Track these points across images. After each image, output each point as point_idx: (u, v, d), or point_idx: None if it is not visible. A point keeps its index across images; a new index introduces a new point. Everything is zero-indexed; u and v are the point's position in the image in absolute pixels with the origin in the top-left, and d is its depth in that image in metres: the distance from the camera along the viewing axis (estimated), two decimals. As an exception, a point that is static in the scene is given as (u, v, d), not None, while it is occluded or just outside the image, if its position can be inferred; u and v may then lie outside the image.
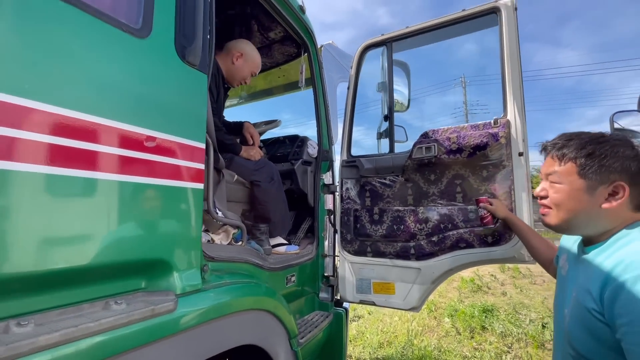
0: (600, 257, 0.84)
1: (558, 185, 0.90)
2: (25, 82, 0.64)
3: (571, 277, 0.94)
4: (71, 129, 0.70)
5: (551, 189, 0.92)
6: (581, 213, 0.87)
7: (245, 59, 1.86)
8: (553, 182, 0.92)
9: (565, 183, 0.89)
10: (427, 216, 1.75)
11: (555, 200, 0.91)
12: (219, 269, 1.16)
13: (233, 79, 1.88)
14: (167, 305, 0.82)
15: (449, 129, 1.73)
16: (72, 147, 0.70)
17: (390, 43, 2.00)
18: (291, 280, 1.68)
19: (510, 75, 1.63)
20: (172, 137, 0.91)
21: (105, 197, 0.76)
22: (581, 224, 0.89)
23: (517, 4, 1.70)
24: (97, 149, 0.75)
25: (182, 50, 0.97)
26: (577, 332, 0.83)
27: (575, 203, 0.87)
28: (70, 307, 0.73)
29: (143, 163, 0.84)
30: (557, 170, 0.90)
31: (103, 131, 0.76)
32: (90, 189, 0.74)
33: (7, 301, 0.64)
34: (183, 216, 0.95)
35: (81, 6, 0.74)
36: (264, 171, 1.66)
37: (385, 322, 4.13)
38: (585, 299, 0.81)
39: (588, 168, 0.85)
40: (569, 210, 0.89)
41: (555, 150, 0.92)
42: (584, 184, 0.86)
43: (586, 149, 0.86)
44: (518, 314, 4.37)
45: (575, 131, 0.95)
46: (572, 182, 0.87)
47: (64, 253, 0.70)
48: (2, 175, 0.60)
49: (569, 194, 0.88)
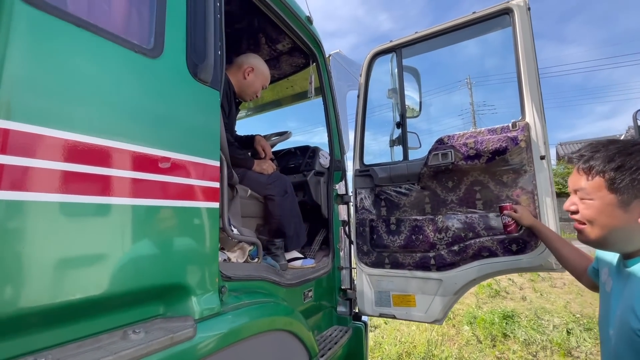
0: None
1: (589, 201, 0.85)
2: (40, 108, 0.63)
3: (615, 294, 0.88)
4: (85, 154, 0.68)
5: (582, 205, 0.87)
6: (617, 229, 0.82)
7: (256, 74, 1.88)
8: (583, 199, 0.87)
9: (595, 198, 0.84)
10: (446, 225, 1.69)
11: (587, 216, 0.86)
12: (237, 288, 1.12)
13: (245, 94, 1.89)
14: (186, 333, 0.79)
15: (465, 134, 1.68)
16: (87, 172, 0.68)
17: (400, 49, 1.97)
18: (308, 296, 1.64)
19: (527, 76, 1.58)
20: (187, 156, 0.89)
21: (121, 223, 0.74)
22: (618, 240, 0.84)
23: (529, 4, 1.66)
24: (111, 173, 0.73)
25: (194, 68, 0.96)
26: (626, 355, 0.77)
27: (609, 219, 0.82)
28: (89, 339, 0.70)
29: (159, 185, 0.81)
30: (585, 187, 0.86)
31: (117, 154, 0.74)
32: (107, 215, 0.71)
33: (23, 337, 0.62)
34: (200, 237, 0.92)
35: (94, 30, 0.73)
36: (278, 185, 1.63)
37: (403, 331, 4.02)
38: (630, 319, 0.75)
39: (619, 182, 0.79)
40: (604, 226, 0.83)
41: (582, 164, 0.86)
42: (616, 199, 0.80)
43: (615, 162, 0.81)
44: (540, 320, 4.22)
45: (602, 139, 0.89)
46: (602, 197, 0.82)
47: (83, 282, 0.68)
48: (14, 206, 0.58)
49: (600, 209, 0.83)
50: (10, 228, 0.57)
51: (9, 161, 0.58)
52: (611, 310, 0.86)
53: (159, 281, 0.82)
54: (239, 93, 1.86)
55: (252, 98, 1.92)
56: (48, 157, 0.63)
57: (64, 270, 0.65)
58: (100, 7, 0.80)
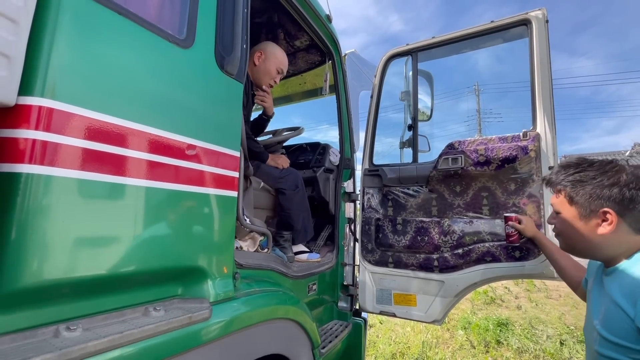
0: (621, 276, 0.85)
1: (559, 215, 0.97)
2: (81, 90, 0.66)
3: (596, 300, 0.95)
4: (119, 137, 0.71)
5: (556, 219, 0.99)
6: (581, 239, 0.92)
7: (267, 56, 1.77)
8: (557, 213, 0.98)
9: (562, 212, 0.95)
10: (452, 228, 1.73)
11: (557, 229, 0.98)
12: (247, 276, 1.16)
13: (261, 81, 1.79)
14: (203, 313, 0.83)
15: (475, 140, 1.71)
16: (122, 154, 0.71)
17: (416, 53, 2.00)
18: (312, 289, 1.67)
19: (541, 87, 1.61)
20: (212, 145, 0.92)
21: (149, 205, 0.77)
22: (586, 249, 0.93)
23: (547, 17, 1.68)
24: (142, 157, 0.76)
25: (221, 60, 0.99)
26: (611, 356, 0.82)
27: (573, 231, 0.93)
28: (113, 313, 0.73)
29: (184, 171, 0.85)
30: (554, 203, 0.98)
31: (146, 139, 0.77)
32: (137, 197, 0.75)
33: (55, 306, 0.65)
34: (219, 224, 0.96)
35: (133, 17, 0.76)
36: (290, 179, 1.66)
37: (398, 332, 4.07)
38: (616, 314, 0.82)
39: (575, 196, 0.91)
40: (570, 237, 0.95)
41: (551, 183, 0.99)
42: (576, 211, 0.91)
43: (572, 178, 0.92)
44: (534, 329, 4.25)
45: (577, 157, 0.98)
46: (567, 211, 0.93)
47: (112, 259, 0.71)
48: (58, 182, 0.61)
49: (566, 222, 0.94)
50: (47, 203, 0.60)
51: (53, 139, 0.61)
52: (593, 315, 0.93)
53: (180, 263, 0.85)
54: (256, 81, 1.78)
55: (270, 85, 1.82)
56: (87, 137, 0.66)
57: (97, 247, 0.69)
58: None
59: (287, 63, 1.87)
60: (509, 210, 1.60)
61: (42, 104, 0.60)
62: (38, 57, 0.61)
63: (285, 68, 1.85)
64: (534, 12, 1.68)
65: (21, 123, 0.59)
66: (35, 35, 0.61)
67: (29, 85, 0.60)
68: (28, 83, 0.60)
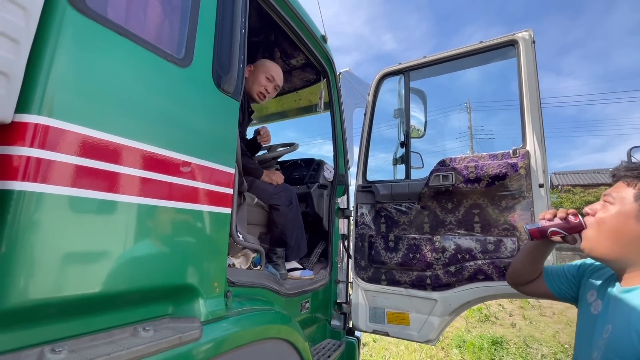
0: None
1: (610, 206, 0.88)
2: (80, 108, 0.66)
3: (602, 316, 0.89)
4: (113, 154, 0.71)
5: (601, 209, 0.90)
6: (620, 237, 0.84)
7: (256, 67, 1.79)
8: (606, 201, 0.89)
9: (617, 204, 0.86)
10: (444, 245, 1.73)
11: (600, 219, 0.88)
12: (239, 294, 1.14)
13: (252, 91, 1.79)
14: (193, 334, 0.81)
15: (466, 157, 1.74)
16: (113, 171, 0.71)
17: (408, 72, 2.05)
18: (305, 307, 1.65)
19: (529, 106, 1.65)
20: (207, 162, 0.93)
21: (139, 223, 0.77)
22: (615, 250, 0.86)
23: (534, 37, 1.74)
24: (134, 173, 0.75)
25: (218, 79, 1.00)
26: None
27: (617, 225, 0.85)
28: (101, 333, 0.72)
29: (180, 188, 0.85)
30: (615, 192, 0.88)
31: (146, 157, 0.77)
32: (128, 214, 0.74)
33: (40, 327, 0.64)
34: (212, 241, 0.95)
35: (132, 37, 0.77)
36: (283, 195, 1.66)
37: (392, 350, 3.99)
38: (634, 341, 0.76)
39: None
40: (609, 231, 0.86)
41: (624, 174, 0.89)
42: (637, 209, 0.82)
43: None
44: (529, 348, 4.21)
45: None
46: (625, 204, 0.85)
47: (100, 278, 0.70)
48: (45, 200, 0.60)
49: (616, 214, 0.85)
50: (38, 220, 0.60)
51: (48, 156, 0.61)
52: (596, 333, 0.88)
53: (172, 281, 0.84)
54: (248, 94, 1.79)
55: (262, 97, 1.81)
56: (83, 155, 0.66)
57: (84, 265, 0.67)
58: (138, 16, 0.85)
59: (278, 72, 1.85)
60: (500, 228, 1.61)
61: (39, 122, 0.60)
62: (37, 75, 0.61)
63: (275, 76, 1.83)
64: (521, 33, 1.75)
65: (17, 140, 0.59)
66: (34, 54, 0.62)
67: (26, 103, 0.60)
68: (25, 101, 0.60)
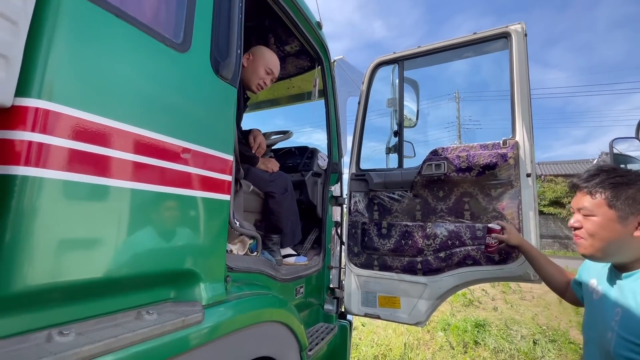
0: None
1: (592, 218, 0.97)
2: (78, 92, 0.65)
3: (609, 301, 0.98)
4: (112, 139, 0.71)
5: (586, 222, 0.99)
6: (614, 241, 0.94)
7: (255, 58, 1.75)
8: (586, 215, 0.99)
9: (597, 215, 0.96)
10: (434, 232, 1.78)
11: (590, 231, 0.98)
12: (237, 279, 1.16)
13: (250, 82, 1.75)
14: (196, 317, 0.83)
15: (458, 147, 1.78)
16: (113, 157, 0.71)
17: (402, 61, 2.06)
18: (300, 292, 1.68)
19: (520, 98, 1.69)
20: (206, 149, 0.93)
21: (144, 208, 0.77)
22: (615, 251, 0.96)
23: (526, 30, 1.77)
24: (134, 159, 0.75)
25: (216, 65, 1.00)
26: (628, 356, 0.86)
27: (608, 233, 0.94)
28: (106, 317, 0.73)
29: (180, 174, 0.85)
30: (588, 205, 0.98)
31: (145, 142, 0.77)
32: (132, 199, 0.74)
33: (48, 310, 0.64)
34: (212, 227, 0.96)
35: (130, 20, 0.76)
36: (279, 182, 1.67)
37: (380, 334, 4.12)
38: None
39: (616, 199, 0.93)
40: (603, 239, 0.95)
41: (587, 185, 1.00)
42: (615, 214, 0.93)
43: (614, 181, 0.94)
44: (509, 330, 4.41)
45: (601, 165, 1.04)
46: (603, 213, 0.95)
47: (105, 262, 0.70)
48: (51, 185, 0.60)
49: (601, 224, 0.95)
50: (41, 206, 0.60)
51: (49, 140, 0.60)
52: (607, 315, 0.96)
53: (174, 266, 0.85)
54: (245, 84, 1.75)
55: (259, 87, 1.77)
56: (82, 139, 0.65)
57: (91, 250, 0.68)
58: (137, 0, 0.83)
59: (276, 64, 1.81)
60: (489, 216, 1.67)
61: (39, 106, 0.60)
62: (36, 58, 0.60)
63: (274, 69, 1.80)
64: (514, 25, 1.77)
65: (17, 124, 0.58)
66: (33, 36, 0.60)
67: (26, 86, 0.59)
68: (25, 84, 0.59)
